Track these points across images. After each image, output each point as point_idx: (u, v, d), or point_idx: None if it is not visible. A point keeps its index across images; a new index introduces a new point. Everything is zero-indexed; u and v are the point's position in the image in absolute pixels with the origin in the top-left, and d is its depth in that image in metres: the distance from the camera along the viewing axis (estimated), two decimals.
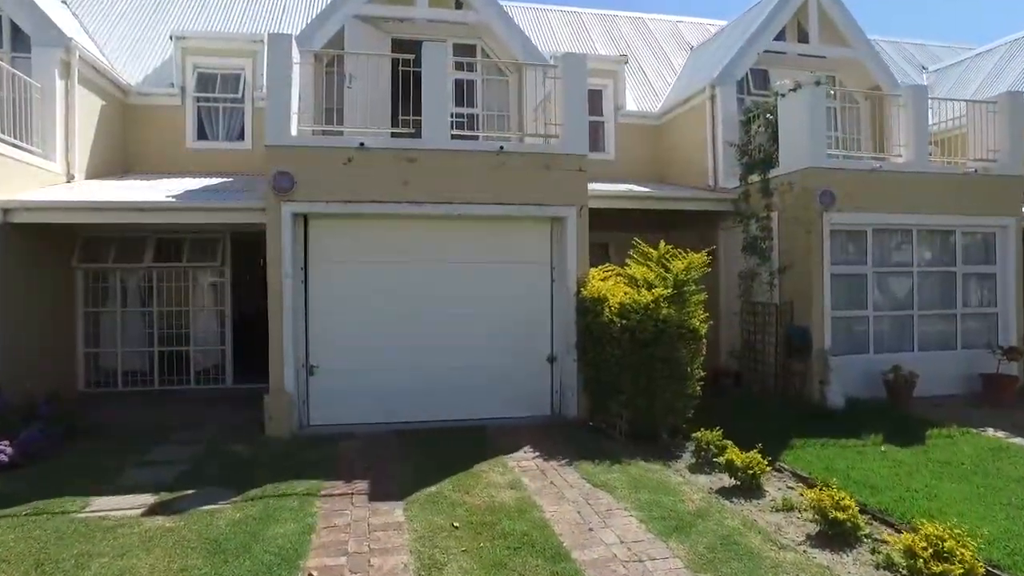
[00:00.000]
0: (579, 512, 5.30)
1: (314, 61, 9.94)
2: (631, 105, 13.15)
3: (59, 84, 9.46)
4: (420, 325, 8.11)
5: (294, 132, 7.71)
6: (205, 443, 7.24)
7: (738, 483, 5.83)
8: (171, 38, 11.66)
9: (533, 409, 8.43)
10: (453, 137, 8.14)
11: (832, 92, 9.28)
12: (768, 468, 5.91)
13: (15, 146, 8.43)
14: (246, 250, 12.15)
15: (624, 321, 7.27)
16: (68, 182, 9.53)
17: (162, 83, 11.82)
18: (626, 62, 13.12)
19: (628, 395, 7.32)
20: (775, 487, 5.92)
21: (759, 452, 5.92)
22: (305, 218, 7.82)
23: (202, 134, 11.90)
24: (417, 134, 8.04)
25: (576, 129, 8.26)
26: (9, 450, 6.45)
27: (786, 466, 6.39)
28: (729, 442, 6.52)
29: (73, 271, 9.72)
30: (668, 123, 12.99)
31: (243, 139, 11.93)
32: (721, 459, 6.09)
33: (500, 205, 8.05)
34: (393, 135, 8.04)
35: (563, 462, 6.59)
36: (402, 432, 7.66)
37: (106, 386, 9.92)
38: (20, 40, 9.88)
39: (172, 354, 10.07)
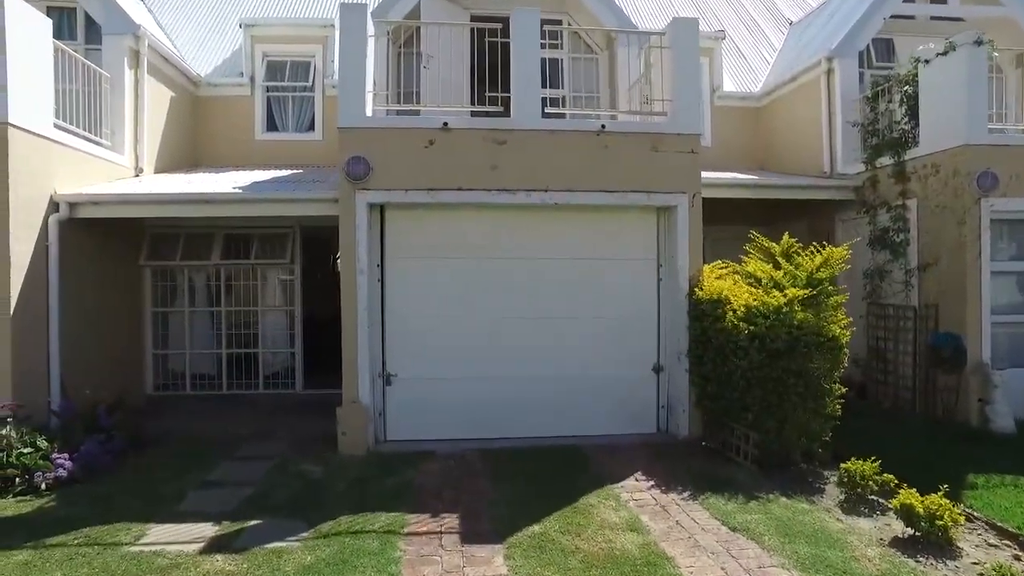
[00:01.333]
0: (723, 569, 4.23)
1: (389, 39, 9.18)
2: (728, 86, 11.88)
3: (128, 74, 9.00)
4: (509, 329, 7.19)
5: (369, 112, 6.91)
6: (273, 460, 6.50)
7: (917, 534, 4.63)
8: (240, 26, 11.17)
9: (636, 425, 7.37)
10: (545, 116, 7.16)
11: (993, 53, 7.81)
12: (961, 518, 4.68)
13: (84, 138, 7.97)
14: (317, 246, 11.54)
15: (751, 327, 6.13)
16: (136, 176, 9.06)
17: (232, 74, 11.35)
18: (723, 38, 11.87)
19: (755, 413, 6.17)
20: (969, 542, 4.66)
21: (944, 495, 4.69)
22: (382, 209, 7.01)
23: (272, 125, 11.36)
24: (504, 113, 7.11)
25: (688, 105, 7.14)
26: (68, 464, 5.87)
27: (977, 514, 5.10)
28: (890, 476, 5.34)
29: (141, 269, 9.26)
30: (771, 104, 11.66)
31: (313, 130, 11.34)
32: (893, 502, 4.89)
33: (601, 193, 7.02)
34: (478, 115, 7.12)
35: (685, 495, 5.52)
36: (488, 451, 6.75)
37: (174, 389, 9.43)
38: (93, 31, 9.52)
39: (240, 356, 9.50)
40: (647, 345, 7.43)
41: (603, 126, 6.98)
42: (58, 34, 8.50)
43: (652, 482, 5.84)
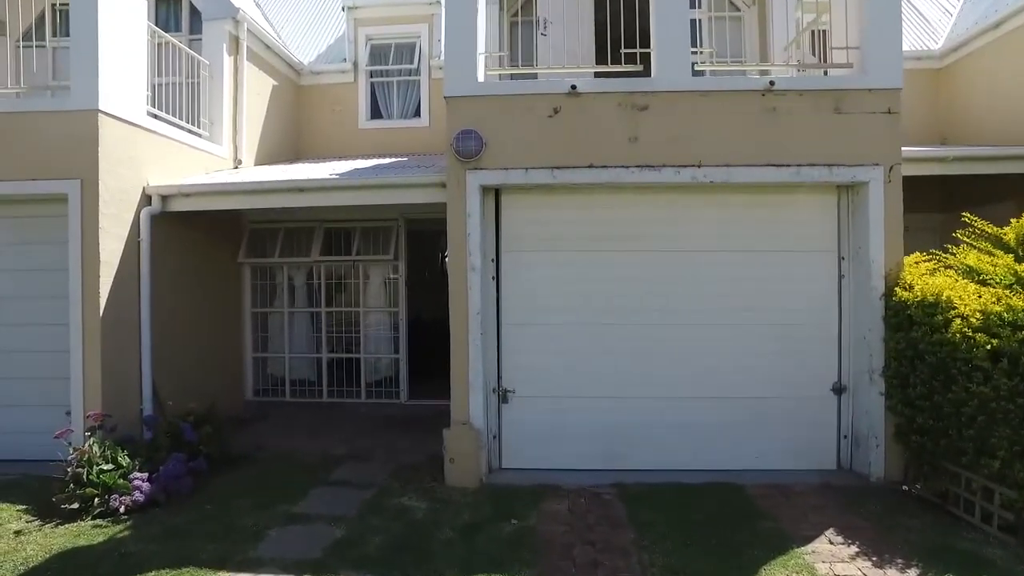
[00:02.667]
0: None
1: (501, 9, 8.08)
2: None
3: (227, 61, 8.46)
4: (648, 337, 5.88)
5: (481, 78, 5.80)
6: (370, 490, 5.55)
7: None
8: (343, 9, 10.53)
9: (807, 459, 5.85)
10: (695, 75, 5.77)
11: None
12: None
13: (180, 128, 7.44)
14: (423, 242, 10.72)
15: (993, 341, 4.48)
16: (235, 168, 8.52)
17: (334, 60, 10.74)
18: None
19: (1002, 460, 4.50)
20: None
21: None
22: (497, 193, 5.90)
23: (376, 113, 10.64)
24: (643, 74, 5.81)
25: (884, 50, 5.53)
26: (146, 486, 5.18)
27: None
28: None
29: (240, 267, 8.71)
30: (958, 63, 9.56)
31: (419, 116, 10.51)
32: None
33: (768, 167, 5.55)
34: (608, 76, 5.84)
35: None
36: (625, 486, 5.48)
37: (273, 395, 8.82)
38: (196, 21, 9.06)
39: (341, 362, 8.74)
40: (824, 359, 5.87)
41: (772, 82, 5.50)
42: (163, 26, 8.10)
43: (855, 547, 4.34)
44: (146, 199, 6.68)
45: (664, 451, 5.87)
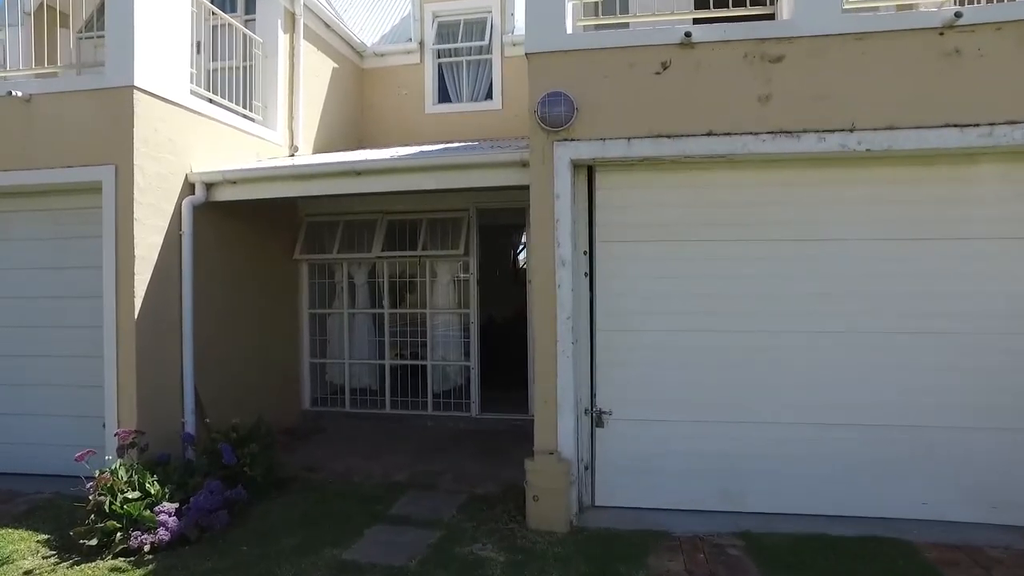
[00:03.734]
0: None
1: None
2: None
3: (282, 39, 7.72)
4: (778, 348, 4.68)
5: (570, 29, 4.74)
6: (436, 530, 4.58)
7: None
8: None
9: (1006, 511, 4.48)
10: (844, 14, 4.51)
11: None
12: None
13: (229, 110, 6.72)
14: (494, 236, 9.76)
15: None
16: (291, 155, 7.77)
17: (399, 40, 9.93)
18: None
19: None
20: None
21: None
22: (590, 171, 4.82)
23: (444, 96, 9.74)
24: (770, 18, 4.62)
25: None
26: (173, 521, 4.38)
27: None
28: None
29: (297, 265, 7.95)
30: None
31: (491, 98, 9.54)
32: None
33: (948, 129, 4.25)
34: (729, 21, 4.64)
35: None
36: (753, 536, 4.33)
37: (332, 404, 8.03)
38: (252, 1, 8.42)
39: (406, 369, 7.85)
40: None
41: (957, 14, 4.19)
42: (216, 6, 7.43)
43: None
44: (189, 188, 5.96)
45: (798, 492, 4.67)
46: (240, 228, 6.75)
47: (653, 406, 4.81)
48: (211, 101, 6.35)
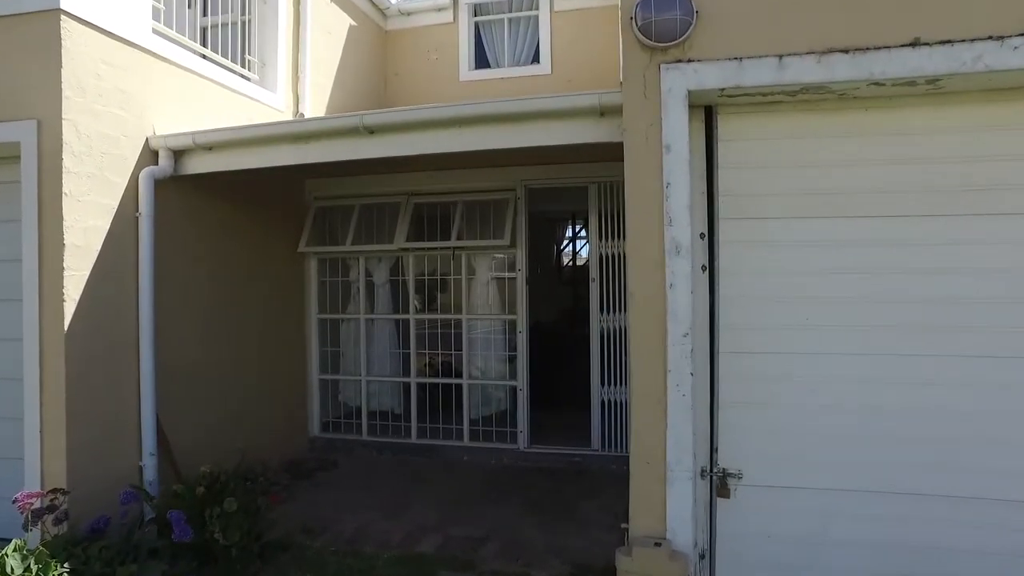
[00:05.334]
0: None
1: None
2: None
3: None
4: (999, 383, 2.99)
5: None
6: None
7: None
8: None
9: None
10: None
11: None
12: None
13: (211, 61, 5.27)
14: (546, 223, 8.24)
15: None
16: None
17: None
18: None
19: None
20: None
21: None
22: (708, 114, 3.19)
23: (482, 60, 8.21)
24: None
25: None
26: None
27: None
28: None
29: (303, 258, 6.47)
30: None
31: (537, 61, 7.99)
32: None
33: None
34: None
35: None
36: None
37: (346, 430, 6.53)
38: None
39: (436, 390, 6.31)
40: None
41: None
42: None
43: None
44: (151, 156, 4.50)
45: None
46: (226, 211, 5.30)
47: (805, 467, 3.17)
48: (173, 41, 4.87)
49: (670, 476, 3.02)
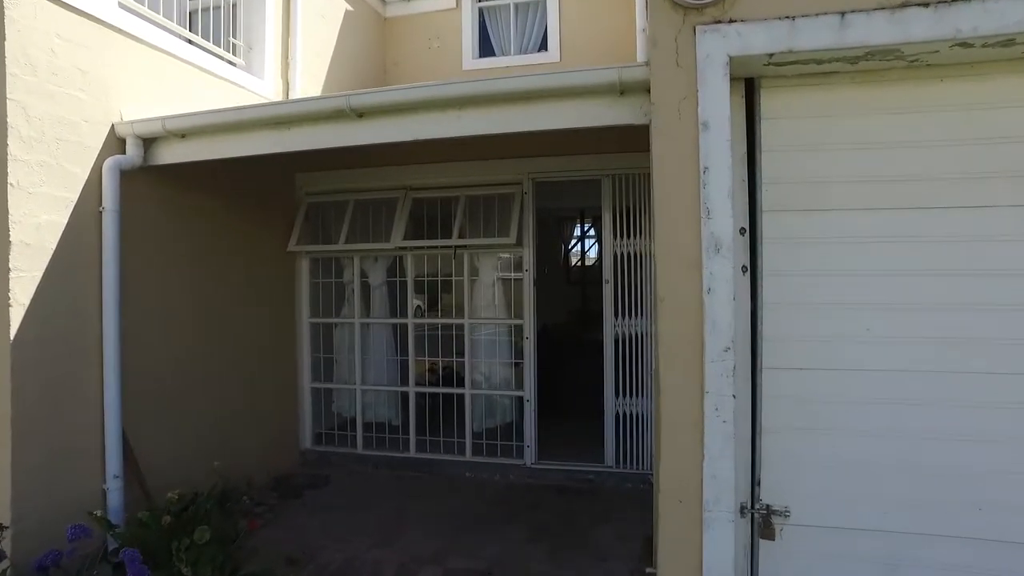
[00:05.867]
0: None
1: None
2: None
3: None
4: None
5: None
6: None
7: None
8: None
9: None
10: None
11: None
12: None
13: (193, 44, 4.82)
14: (549, 222, 7.80)
15: None
16: None
17: None
18: None
19: None
20: None
21: None
22: (748, 87, 2.71)
23: (486, 48, 7.75)
24: None
25: None
26: None
27: None
28: None
29: (293, 259, 6.01)
30: None
31: (545, 48, 7.55)
32: None
33: None
34: None
35: None
36: None
37: (340, 443, 6.06)
38: None
39: (437, 400, 5.84)
40: None
41: None
42: None
43: None
44: (117, 144, 4.04)
45: None
46: (207, 207, 4.84)
47: (866, 504, 2.67)
48: (145, 19, 4.41)
49: (707, 517, 2.54)
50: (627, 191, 5.24)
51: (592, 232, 11.20)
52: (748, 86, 2.73)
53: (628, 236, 5.24)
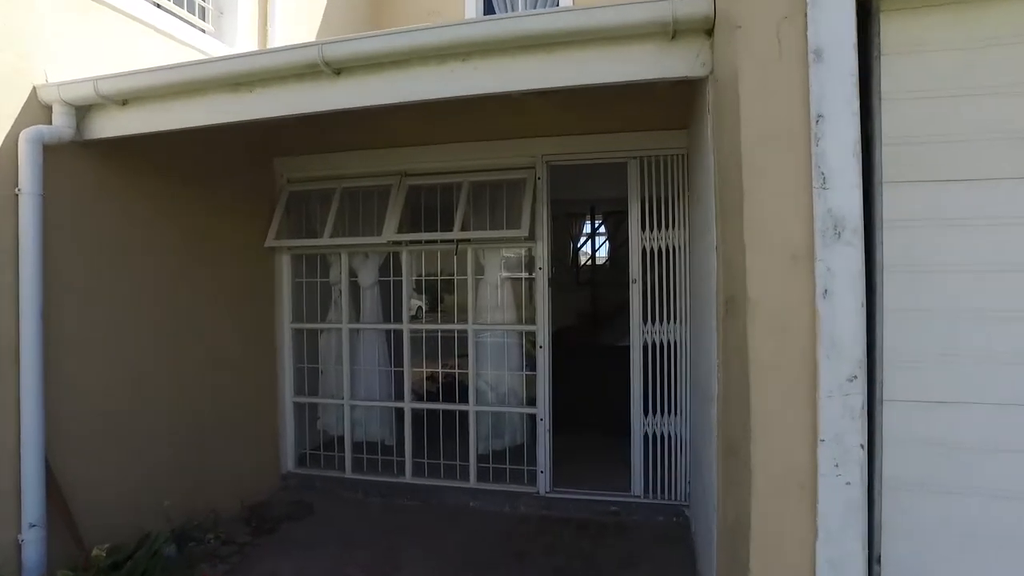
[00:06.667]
0: None
1: None
2: None
3: None
4: None
5: None
6: None
7: None
8: None
9: None
10: None
11: None
12: None
13: (158, 6, 4.07)
14: (558, 215, 7.11)
15: None
16: None
17: None
18: None
19: None
20: None
21: None
22: (862, 9, 1.95)
23: (489, 5, 6.99)
24: None
25: None
26: None
27: None
28: None
29: (272, 255, 5.25)
30: None
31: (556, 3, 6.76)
32: None
33: None
34: None
35: None
36: None
37: (327, 466, 5.30)
38: None
39: (436, 418, 5.06)
40: None
41: None
42: None
43: None
44: (41, 112, 3.28)
45: None
46: (164, 194, 4.08)
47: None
48: None
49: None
50: (658, 176, 4.48)
51: (603, 229, 10.47)
52: (860, 11, 1.96)
53: (659, 228, 4.47)
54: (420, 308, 6.86)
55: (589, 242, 10.48)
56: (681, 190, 4.40)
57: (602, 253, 10.63)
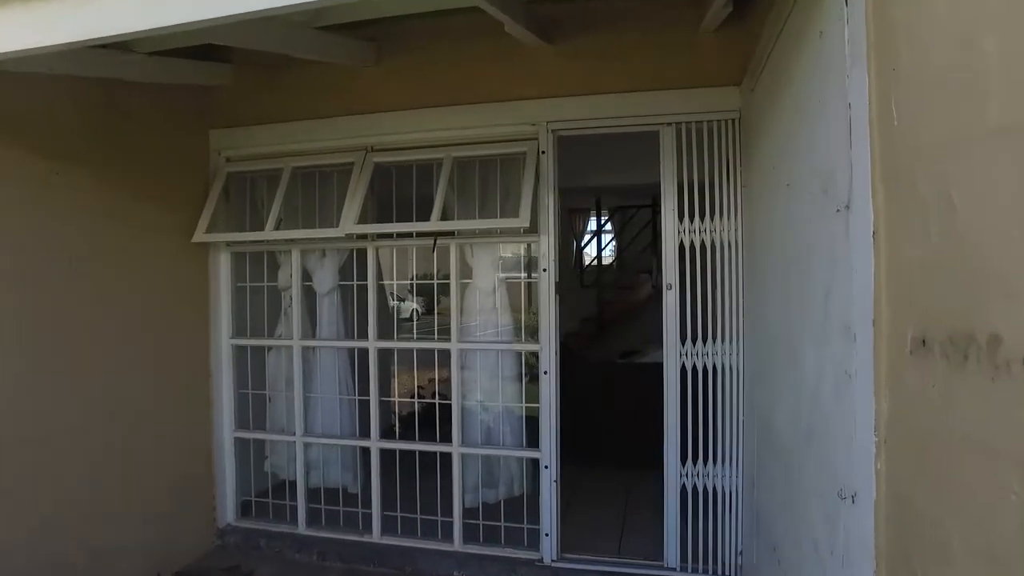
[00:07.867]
0: None
1: None
2: None
3: None
4: None
5: None
6: None
7: None
8: None
9: None
10: None
11: None
12: None
13: None
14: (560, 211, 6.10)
15: None
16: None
17: None
18: None
19: None
20: None
21: None
22: None
23: None
24: None
25: None
26: None
27: None
28: None
29: (204, 252, 4.16)
30: None
31: None
32: None
33: None
34: None
35: None
36: None
37: (276, 517, 4.22)
38: None
39: (412, 461, 3.96)
40: None
41: None
42: None
43: None
44: None
45: None
46: (44, 169, 2.99)
47: None
48: None
49: None
50: (699, 148, 3.40)
51: (608, 227, 9.49)
52: None
53: (704, 217, 3.40)
54: (415, 311, 5.79)
55: (594, 240, 9.49)
56: (732, 167, 3.34)
57: (607, 252, 9.81)
